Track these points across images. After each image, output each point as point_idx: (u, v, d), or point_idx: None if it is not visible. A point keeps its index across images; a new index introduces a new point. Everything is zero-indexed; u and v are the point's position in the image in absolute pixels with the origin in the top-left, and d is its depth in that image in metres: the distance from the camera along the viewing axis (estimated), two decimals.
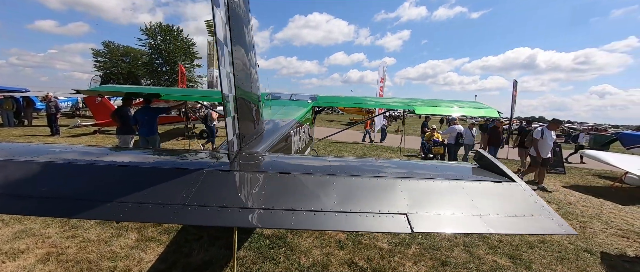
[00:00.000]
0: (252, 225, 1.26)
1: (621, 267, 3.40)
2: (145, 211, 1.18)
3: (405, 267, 3.21)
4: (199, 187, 1.31)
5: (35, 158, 1.45)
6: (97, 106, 11.83)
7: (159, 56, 40.54)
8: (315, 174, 1.47)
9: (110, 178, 1.36)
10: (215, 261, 3.13)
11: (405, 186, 1.42)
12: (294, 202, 1.29)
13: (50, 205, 1.20)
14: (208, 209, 1.22)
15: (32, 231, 3.66)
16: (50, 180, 1.32)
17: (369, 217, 1.26)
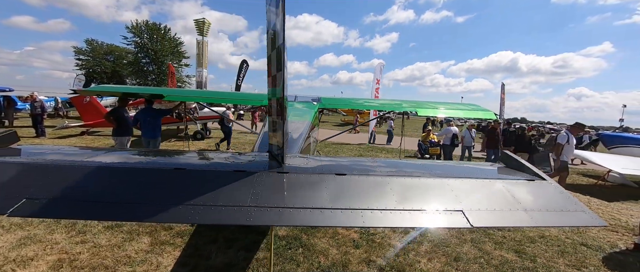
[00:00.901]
0: (320, 225, 1.31)
1: (615, 259, 3.67)
2: (216, 213, 1.22)
3: (420, 264, 3.33)
4: (260, 188, 1.36)
5: (91, 162, 1.45)
6: (85, 107, 11.38)
7: (146, 55, 39.32)
8: (370, 175, 1.54)
9: (173, 181, 1.38)
10: (236, 263, 3.13)
11: (454, 185, 1.52)
12: (356, 202, 1.36)
13: (117, 209, 1.22)
14: (272, 210, 1.26)
15: (37, 237, 3.52)
16: (113, 184, 1.33)
17: (429, 214, 1.35)
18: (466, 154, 9.36)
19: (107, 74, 37.27)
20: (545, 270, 3.31)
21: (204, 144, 12.21)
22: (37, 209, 1.16)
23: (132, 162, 1.53)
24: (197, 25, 35.56)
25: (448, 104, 6.46)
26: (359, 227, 3.59)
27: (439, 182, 1.53)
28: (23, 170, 1.37)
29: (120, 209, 1.21)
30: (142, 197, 1.27)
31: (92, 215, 1.23)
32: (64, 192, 1.25)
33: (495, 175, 1.75)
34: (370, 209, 1.33)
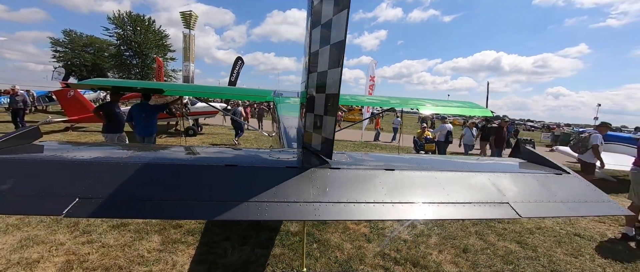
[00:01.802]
0: (380, 218, 1.34)
1: (606, 247, 3.95)
2: (281, 209, 1.22)
3: (432, 256, 3.45)
4: (320, 183, 1.37)
5: (137, 158, 1.40)
6: (69, 101, 10.80)
7: (129, 48, 37.56)
8: (417, 170, 1.59)
9: (227, 178, 1.36)
10: (254, 260, 3.12)
11: (495, 179, 1.59)
12: (409, 196, 1.40)
13: (178, 208, 1.19)
14: (336, 205, 1.28)
15: (38, 237, 3.36)
16: (168, 181, 1.30)
17: (479, 206, 1.42)
18: (466, 151, 9.60)
19: (87, 67, 35.37)
20: (547, 259, 3.52)
21: (196, 140, 11.91)
22: (93, 208, 1.11)
23: (180, 158, 1.49)
24: (183, 18, 34.21)
25: (447, 101, 6.65)
26: (416, 220, 3.67)
27: (480, 176, 1.60)
28: (65, 168, 1.31)
29: (180, 208, 1.18)
30: (200, 194, 1.25)
31: (152, 214, 1.19)
32: (118, 190, 1.20)
33: (528, 169, 1.85)
34: (423, 203, 1.38)
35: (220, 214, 1.16)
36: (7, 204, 1.11)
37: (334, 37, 1.40)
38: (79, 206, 1.11)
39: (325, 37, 1.50)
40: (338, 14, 1.34)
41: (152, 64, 40.00)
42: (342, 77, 1.41)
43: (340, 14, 1.31)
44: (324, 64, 1.53)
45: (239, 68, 19.54)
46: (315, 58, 1.66)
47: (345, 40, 1.32)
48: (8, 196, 1.13)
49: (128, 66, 37.82)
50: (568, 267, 3.36)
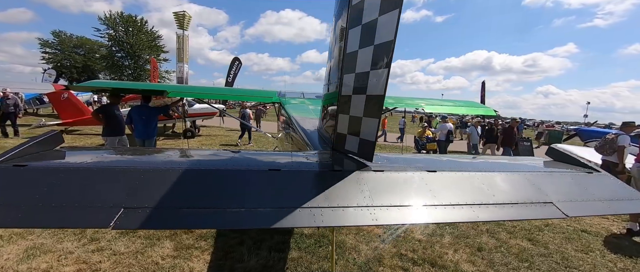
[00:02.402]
0: (431, 221, 1.32)
1: (613, 242, 4.04)
2: (339, 215, 1.19)
3: (448, 255, 3.46)
4: (370, 187, 1.34)
5: (174, 164, 1.35)
6: (63, 104, 10.49)
7: (120, 49, 36.77)
8: (457, 171, 1.58)
9: (274, 183, 1.32)
10: (272, 264, 3.07)
11: (534, 178, 1.60)
12: (455, 197, 1.38)
13: (228, 216, 1.14)
14: (390, 209, 1.26)
15: (44, 246, 3.23)
16: (212, 188, 1.25)
17: (523, 206, 1.41)
18: (473, 151, 9.64)
19: (78, 68, 34.48)
20: (559, 256, 3.58)
21: (195, 142, 11.73)
22: (140, 219, 1.05)
23: (218, 163, 1.44)
24: (176, 18, 33.75)
25: (450, 101, 6.71)
26: (467, 222, 3.66)
27: (518, 176, 1.60)
28: (104, 176, 1.24)
29: (232, 216, 1.13)
30: (248, 201, 1.20)
31: (203, 224, 1.14)
32: (163, 199, 1.15)
33: (561, 168, 1.86)
34: (470, 204, 1.37)
35: (275, 221, 1.12)
36: (50, 216, 1.05)
37: (381, 38, 1.37)
38: (126, 217, 1.05)
39: (367, 38, 1.47)
40: (386, 14, 1.32)
41: (145, 65, 39.32)
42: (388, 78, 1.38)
43: (390, 13, 1.29)
44: (365, 65, 1.51)
45: (237, 69, 19.36)
46: (352, 59, 1.62)
47: (395, 40, 1.30)
48: (49, 208, 1.07)
49: (120, 68, 37.03)
50: (581, 264, 3.42)
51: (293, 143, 3.42)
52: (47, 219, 1.04)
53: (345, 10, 1.75)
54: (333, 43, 2.10)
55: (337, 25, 2.00)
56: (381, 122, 17.62)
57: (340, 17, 1.92)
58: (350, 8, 1.60)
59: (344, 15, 1.82)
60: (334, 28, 2.09)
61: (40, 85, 13.16)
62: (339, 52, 1.92)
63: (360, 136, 1.64)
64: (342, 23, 1.87)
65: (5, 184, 1.17)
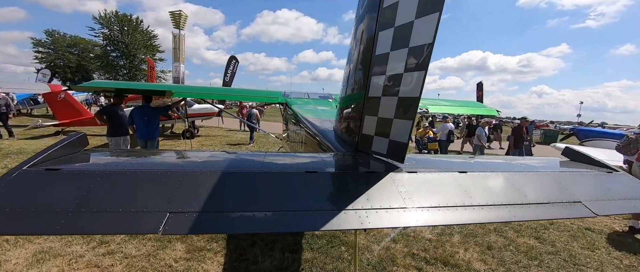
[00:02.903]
0: (468, 222, 1.33)
1: (617, 240, 4.12)
2: (381, 217, 1.19)
3: (459, 254, 3.50)
4: (407, 188, 1.35)
5: (209, 166, 1.34)
6: (59, 104, 10.30)
7: (115, 48, 36.22)
8: (487, 171, 1.60)
9: (314, 185, 1.32)
10: (287, 265, 3.07)
11: (560, 178, 1.63)
12: (488, 198, 1.40)
13: (275, 219, 1.13)
14: (429, 210, 1.27)
15: (53, 250, 3.17)
16: (255, 191, 1.24)
17: (553, 206, 1.44)
18: (481, 152, 9.69)
19: (72, 68, 33.88)
20: (567, 253, 3.64)
21: (195, 143, 11.62)
22: (188, 224, 1.04)
23: (256, 165, 1.43)
24: (173, 18, 33.38)
25: (452, 101, 6.77)
26: (504, 221, 3.68)
27: (545, 176, 1.63)
28: (140, 180, 1.22)
29: (279, 220, 1.12)
30: (292, 204, 1.20)
31: (250, 227, 1.11)
32: (207, 203, 1.13)
33: (581, 168, 1.89)
34: (503, 205, 1.39)
35: (323, 224, 1.12)
36: (96, 222, 1.03)
37: (417, 40, 1.38)
38: (173, 222, 1.04)
39: (401, 40, 1.48)
40: (425, 17, 1.33)
41: (141, 65, 38.80)
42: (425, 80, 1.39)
43: (429, 16, 1.30)
44: (398, 67, 1.51)
45: (234, 68, 19.20)
46: (382, 61, 1.63)
47: (433, 43, 1.31)
48: (91, 214, 1.05)
49: (115, 67, 36.47)
50: (588, 261, 3.49)
51: (304, 143, 3.41)
52: (92, 225, 1.02)
53: (368, 14, 1.77)
54: (353, 47, 2.10)
55: (358, 29, 2.00)
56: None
57: (362, 21, 1.92)
58: (381, 11, 1.60)
59: (366, 20, 1.83)
60: (354, 32, 2.09)
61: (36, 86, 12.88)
62: (359, 55, 1.94)
63: (390, 137, 1.65)
64: (364, 27, 1.87)
65: (39, 189, 1.14)
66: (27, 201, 1.07)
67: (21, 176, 1.18)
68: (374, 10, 1.70)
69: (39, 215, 1.02)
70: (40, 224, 1.01)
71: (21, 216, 1.02)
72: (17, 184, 1.14)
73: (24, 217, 1.01)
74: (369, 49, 1.75)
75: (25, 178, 1.17)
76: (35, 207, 1.04)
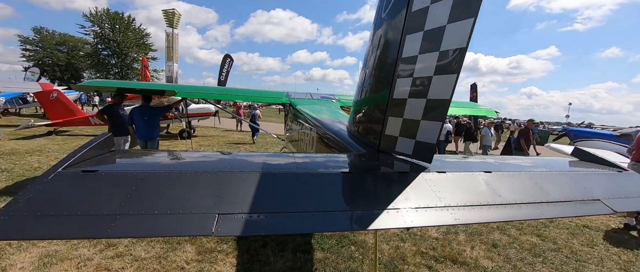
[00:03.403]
0: (499, 220, 1.38)
1: (614, 237, 4.28)
2: (423, 215, 1.23)
3: (466, 252, 3.58)
4: (440, 187, 1.39)
5: (254, 167, 1.35)
6: (52, 103, 10.04)
7: (106, 47, 35.38)
8: (510, 172, 1.65)
9: (351, 186, 1.34)
10: (300, 266, 3.08)
11: (579, 177, 1.70)
12: (513, 196, 1.45)
13: (319, 219, 1.16)
14: (464, 209, 1.31)
15: (59, 253, 3.10)
16: (296, 191, 1.25)
17: (574, 204, 1.50)
18: (485, 152, 9.79)
19: (61, 66, 32.95)
20: (568, 250, 3.77)
21: (192, 143, 11.48)
22: (238, 225, 1.05)
23: (292, 166, 1.44)
24: (166, 16, 32.88)
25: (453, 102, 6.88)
26: (533, 219, 3.71)
27: (566, 175, 1.70)
28: (181, 181, 1.22)
29: (321, 219, 1.14)
30: (333, 203, 1.22)
31: (298, 227, 1.12)
32: (254, 203, 1.14)
33: (593, 167, 1.97)
34: (529, 203, 1.44)
35: (370, 223, 1.15)
36: (145, 225, 1.02)
37: (449, 45, 1.42)
38: (223, 223, 1.04)
39: (431, 44, 1.51)
40: (458, 22, 1.36)
41: (133, 64, 38.04)
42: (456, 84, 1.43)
43: (463, 21, 1.34)
44: (427, 70, 1.55)
45: (229, 67, 19.02)
46: (409, 63, 1.67)
47: (467, 47, 1.35)
48: (138, 216, 1.04)
49: (106, 66, 35.62)
50: (589, 257, 3.61)
51: (314, 144, 3.42)
52: (143, 227, 1.02)
53: (393, 18, 1.80)
54: (371, 50, 2.14)
55: (379, 33, 2.04)
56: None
57: (383, 25, 1.96)
58: (409, 15, 1.64)
59: (390, 23, 1.86)
60: (373, 35, 2.13)
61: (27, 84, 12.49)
62: (380, 58, 1.98)
63: (416, 138, 1.68)
64: (387, 30, 1.91)
65: (79, 191, 1.13)
66: (69, 204, 1.06)
67: (58, 178, 1.16)
68: (399, 14, 1.73)
69: (83, 218, 1.01)
70: (88, 227, 1.00)
71: (64, 219, 1.00)
72: (55, 187, 1.13)
73: (67, 221, 1.00)
74: (394, 52, 1.78)
75: (63, 180, 1.16)
76: (79, 210, 1.03)
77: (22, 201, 1.04)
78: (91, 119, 11.00)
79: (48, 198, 1.08)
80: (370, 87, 2.22)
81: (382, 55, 1.96)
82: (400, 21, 1.71)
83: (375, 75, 2.09)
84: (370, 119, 2.16)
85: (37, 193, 1.08)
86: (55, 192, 1.11)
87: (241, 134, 14.95)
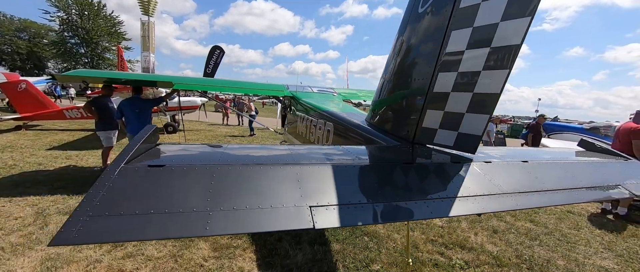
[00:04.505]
0: (540, 206, 1.49)
1: (595, 220, 4.73)
2: (488, 202, 1.30)
3: (471, 238, 3.80)
4: (494, 176, 1.47)
5: (324, 160, 1.35)
6: (20, 96, 9.17)
7: (74, 34, 32.55)
8: (542, 161, 1.77)
9: (411, 176, 1.38)
10: (321, 257, 3.11)
11: (599, 165, 1.87)
12: (550, 184, 1.57)
13: (397, 210, 1.19)
14: (518, 196, 1.40)
15: (62, 256, 2.92)
16: (371, 182, 1.28)
17: (604, 189, 1.65)
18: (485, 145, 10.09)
19: (21, 55, 29.90)
20: (559, 234, 4.11)
21: (178, 137, 11.04)
22: (335, 217, 1.05)
23: (363, 158, 1.46)
24: (141, 4, 30.84)
25: None
26: (571, 203, 3.83)
27: (589, 164, 1.86)
28: (260, 174, 1.18)
29: (414, 207, 1.18)
30: (406, 193, 1.26)
31: (386, 217, 1.15)
32: (342, 195, 1.14)
33: (604, 157, 2.15)
34: (564, 189, 1.57)
35: (450, 210, 1.21)
36: (243, 220, 0.99)
37: (502, 41, 1.48)
38: (319, 216, 1.04)
39: (481, 40, 1.57)
40: (513, 20, 1.42)
41: (104, 54, 35.47)
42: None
43: (519, 20, 1.40)
44: (475, 65, 1.61)
45: (218, 58, 18.28)
46: (454, 58, 1.72)
47: (521, 45, 1.42)
48: (230, 212, 1.01)
49: (75, 56, 32.84)
50: (578, 239, 3.97)
51: (329, 137, 3.43)
52: (240, 223, 0.98)
53: (435, 13, 1.84)
54: (404, 44, 2.18)
55: (409, 30, 2.09)
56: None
57: (415, 22, 2.02)
58: (457, 11, 1.68)
59: (431, 18, 1.89)
60: (402, 32, 2.18)
61: None
62: (419, 53, 2.03)
63: (459, 130, 1.75)
64: (427, 25, 1.94)
65: (153, 187, 1.07)
66: (149, 201, 1.00)
67: (125, 174, 1.10)
68: (443, 9, 1.77)
69: (172, 216, 0.96)
70: (184, 225, 0.95)
71: (152, 218, 0.95)
72: (126, 184, 1.06)
73: (156, 219, 0.95)
74: (435, 47, 1.83)
75: (130, 177, 1.10)
76: (165, 207, 0.98)
77: (97, 199, 0.98)
78: (66, 112, 10.21)
79: (123, 195, 1.01)
80: (402, 81, 2.26)
81: (419, 50, 2.00)
82: (445, 17, 1.75)
83: (408, 69, 2.13)
84: (402, 112, 2.21)
85: (109, 191, 1.01)
86: (128, 189, 1.04)
87: (227, 128, 14.57)
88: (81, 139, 9.03)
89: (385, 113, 2.47)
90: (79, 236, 0.84)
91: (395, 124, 2.27)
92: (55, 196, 4.39)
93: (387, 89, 2.42)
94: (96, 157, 6.83)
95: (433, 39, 1.86)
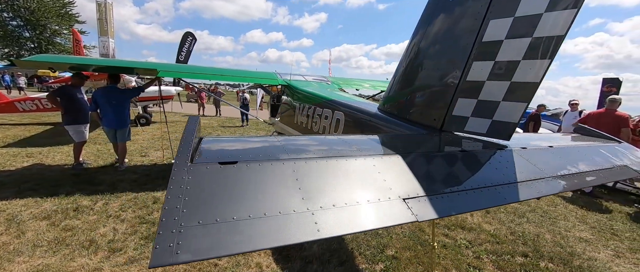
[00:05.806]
0: (570, 189, 1.61)
1: (567, 197, 5.29)
2: (541, 186, 1.37)
3: (468, 219, 4.05)
4: (532, 163, 1.55)
5: (402, 150, 1.34)
6: None
7: (16, 15, 28.17)
8: (563, 146, 1.91)
9: (480, 162, 1.42)
10: (336, 247, 3.13)
11: (606, 149, 2.06)
12: (574, 167, 1.71)
13: (474, 197, 1.21)
14: (560, 180, 1.50)
15: (52, 267, 2.62)
16: (448, 171, 1.30)
17: (616, 170, 1.84)
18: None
19: None
20: (541, 211, 4.55)
21: (153, 129, 10.28)
22: (431, 208, 1.03)
23: (434, 147, 1.47)
24: None
25: None
26: (596, 184, 3.92)
27: (598, 148, 2.04)
28: (337, 169, 1.11)
29: (494, 193, 1.22)
30: (493, 178, 1.30)
31: (474, 205, 1.17)
32: (429, 185, 1.13)
33: (599, 141, 2.37)
34: (582, 172, 1.70)
35: (518, 196, 1.26)
36: (355, 220, 0.92)
37: (545, 32, 1.52)
38: (416, 208, 1.02)
39: (522, 30, 1.61)
40: (558, 11, 1.47)
41: (54, 38, 31.41)
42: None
43: (565, 11, 1.44)
44: (514, 54, 1.65)
45: (190, 45, 17.09)
46: (491, 47, 1.75)
47: (565, 36, 1.47)
48: (329, 211, 0.93)
49: (18, 40, 28.54)
50: (557, 215, 4.43)
51: (337, 126, 3.39)
52: (349, 222, 0.90)
53: (463, 4, 1.86)
54: (425, 35, 2.20)
55: (439, 19, 2.10)
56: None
57: (445, 11, 2.03)
58: (496, 1, 1.70)
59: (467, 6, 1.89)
60: (428, 22, 2.18)
61: None
62: (437, 44, 2.07)
63: (493, 118, 1.81)
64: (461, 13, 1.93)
65: (234, 187, 0.94)
66: (237, 205, 0.88)
67: (197, 174, 0.96)
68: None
69: (268, 220, 0.86)
70: (293, 229, 0.86)
71: (247, 224, 0.83)
72: (201, 185, 0.93)
73: (256, 225, 0.84)
74: (469, 36, 1.85)
75: (205, 177, 0.96)
76: (264, 211, 0.87)
77: (180, 206, 0.84)
78: (18, 104, 8.99)
79: (208, 199, 0.87)
80: (429, 70, 2.26)
81: (450, 39, 2.01)
82: (483, 6, 1.77)
83: (437, 58, 2.14)
84: (430, 100, 2.22)
85: (191, 195, 0.87)
86: (210, 192, 0.90)
87: (206, 119, 13.87)
88: (40, 134, 8.04)
89: (407, 102, 2.48)
90: (182, 253, 0.71)
91: (421, 113, 2.28)
92: (25, 199, 3.89)
93: (410, 78, 2.42)
94: (63, 154, 6.14)
95: (467, 29, 1.87)
